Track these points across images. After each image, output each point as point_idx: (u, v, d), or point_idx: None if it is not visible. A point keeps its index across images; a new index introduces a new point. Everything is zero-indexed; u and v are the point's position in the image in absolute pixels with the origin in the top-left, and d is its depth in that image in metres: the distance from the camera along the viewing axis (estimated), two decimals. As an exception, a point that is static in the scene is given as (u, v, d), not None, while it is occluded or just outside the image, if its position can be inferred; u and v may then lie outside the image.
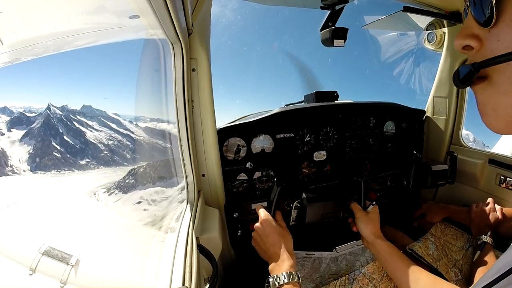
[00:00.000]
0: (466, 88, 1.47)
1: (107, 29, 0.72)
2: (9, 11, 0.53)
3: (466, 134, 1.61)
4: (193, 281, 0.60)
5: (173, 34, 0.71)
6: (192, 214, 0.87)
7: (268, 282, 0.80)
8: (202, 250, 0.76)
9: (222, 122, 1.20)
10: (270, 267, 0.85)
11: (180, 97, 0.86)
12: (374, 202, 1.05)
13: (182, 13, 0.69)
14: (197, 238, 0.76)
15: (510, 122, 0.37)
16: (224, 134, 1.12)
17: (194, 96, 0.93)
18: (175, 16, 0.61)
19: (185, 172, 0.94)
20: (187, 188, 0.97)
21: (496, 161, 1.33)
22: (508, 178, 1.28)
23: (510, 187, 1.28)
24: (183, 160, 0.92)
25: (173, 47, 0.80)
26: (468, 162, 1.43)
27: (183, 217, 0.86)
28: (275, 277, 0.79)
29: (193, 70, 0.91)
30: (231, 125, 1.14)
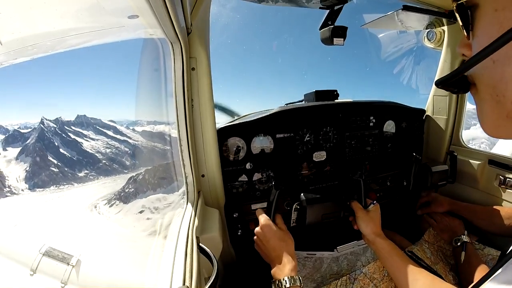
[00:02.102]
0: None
1: (106, 28, 0.72)
2: (8, 11, 0.53)
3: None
4: (193, 280, 0.60)
5: (172, 33, 0.70)
6: (192, 214, 0.87)
7: None
8: (202, 250, 0.75)
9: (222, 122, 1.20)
10: (272, 271, 0.87)
11: (180, 97, 0.85)
12: (375, 201, 1.05)
13: (181, 12, 0.69)
14: (197, 238, 0.76)
15: (494, 127, 0.40)
16: (223, 133, 1.12)
17: (194, 95, 0.93)
18: (174, 15, 0.61)
19: (185, 172, 0.94)
20: (187, 189, 0.97)
21: (496, 162, 1.33)
22: (508, 179, 1.27)
23: (510, 188, 1.27)
24: (182, 160, 0.92)
25: (172, 47, 0.80)
26: (468, 163, 1.43)
27: (183, 217, 0.86)
28: (277, 282, 0.81)
29: (193, 69, 0.91)
30: (231, 125, 1.14)
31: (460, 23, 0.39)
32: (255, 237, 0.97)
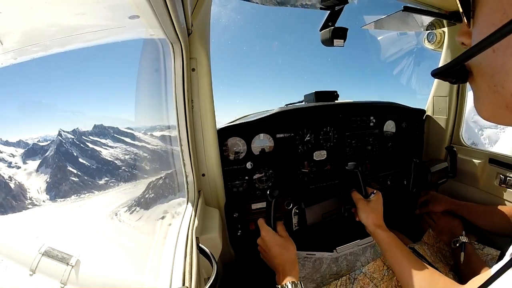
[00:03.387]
0: (466, 88, 1.47)
1: (106, 29, 0.72)
2: (9, 11, 0.53)
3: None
4: (193, 281, 0.60)
5: (173, 34, 0.71)
6: (192, 214, 0.87)
7: None
8: (202, 250, 0.76)
9: (222, 122, 1.20)
10: (276, 277, 0.89)
11: (180, 97, 0.86)
12: (374, 191, 1.05)
13: (182, 13, 0.69)
14: (197, 238, 0.76)
15: (492, 115, 0.39)
16: (224, 134, 1.12)
17: (194, 96, 0.93)
18: (175, 16, 0.61)
19: (185, 172, 0.94)
20: (187, 188, 0.97)
21: (497, 161, 1.33)
22: (508, 178, 1.27)
23: (510, 187, 1.27)
24: (183, 160, 0.92)
25: (172, 47, 0.80)
26: (468, 162, 1.43)
27: (183, 217, 0.86)
28: None
29: (193, 70, 0.91)
30: (231, 125, 1.14)
31: (460, 9, 0.37)
32: (258, 247, 1.00)
